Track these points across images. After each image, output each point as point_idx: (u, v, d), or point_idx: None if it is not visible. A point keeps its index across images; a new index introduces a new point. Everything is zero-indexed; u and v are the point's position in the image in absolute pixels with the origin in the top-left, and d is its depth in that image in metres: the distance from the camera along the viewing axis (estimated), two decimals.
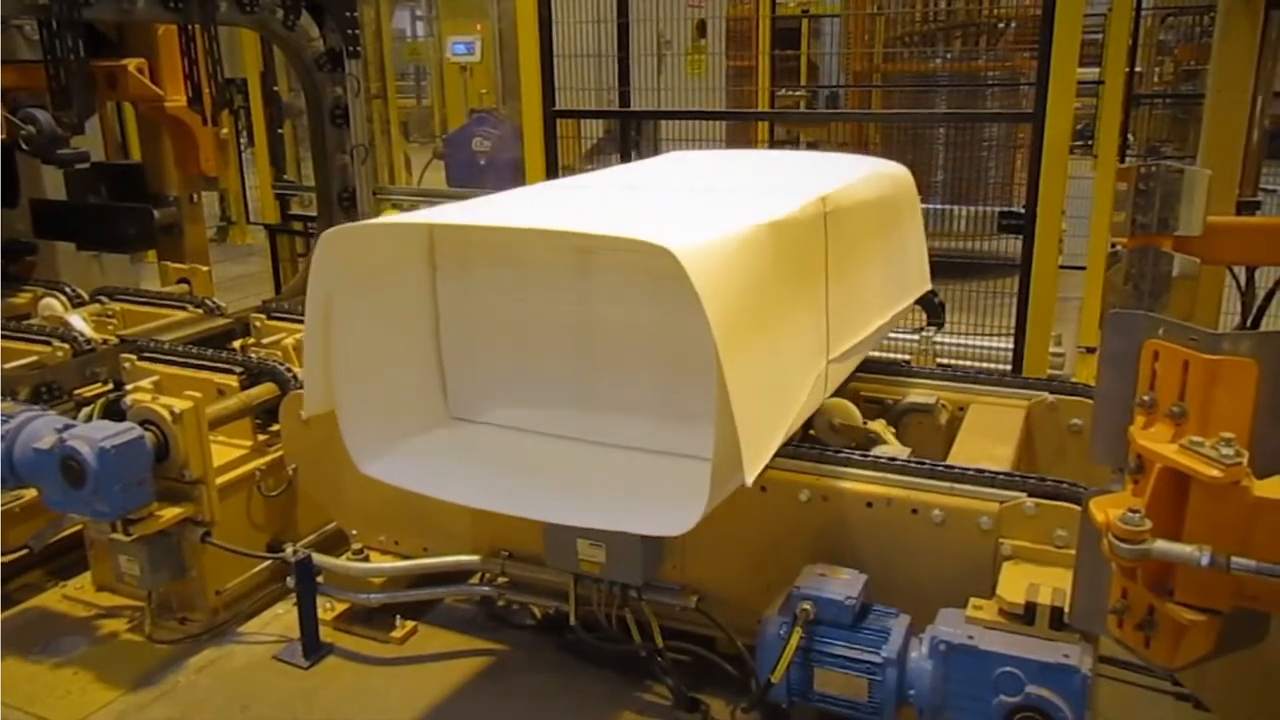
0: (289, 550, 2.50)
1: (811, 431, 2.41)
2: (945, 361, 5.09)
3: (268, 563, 2.65)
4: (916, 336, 5.20)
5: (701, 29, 5.14)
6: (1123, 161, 3.90)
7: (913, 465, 2.01)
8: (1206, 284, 3.28)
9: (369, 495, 2.47)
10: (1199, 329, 1.19)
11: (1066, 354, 4.92)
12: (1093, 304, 4.49)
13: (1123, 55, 3.46)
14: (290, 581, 2.47)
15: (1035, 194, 2.95)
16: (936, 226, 3.35)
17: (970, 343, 5.01)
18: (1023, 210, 3.01)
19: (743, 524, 2.08)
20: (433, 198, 4.11)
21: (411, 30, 17.67)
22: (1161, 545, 1.12)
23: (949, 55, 7.08)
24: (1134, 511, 1.13)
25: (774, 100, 6.98)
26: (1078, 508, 1.84)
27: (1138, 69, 7.41)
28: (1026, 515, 1.88)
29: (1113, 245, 2.87)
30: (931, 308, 5.53)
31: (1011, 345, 4.85)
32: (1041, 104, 2.88)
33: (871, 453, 2.15)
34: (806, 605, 1.81)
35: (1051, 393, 2.44)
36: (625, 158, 4.07)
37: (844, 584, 1.85)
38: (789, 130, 7.43)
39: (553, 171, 3.71)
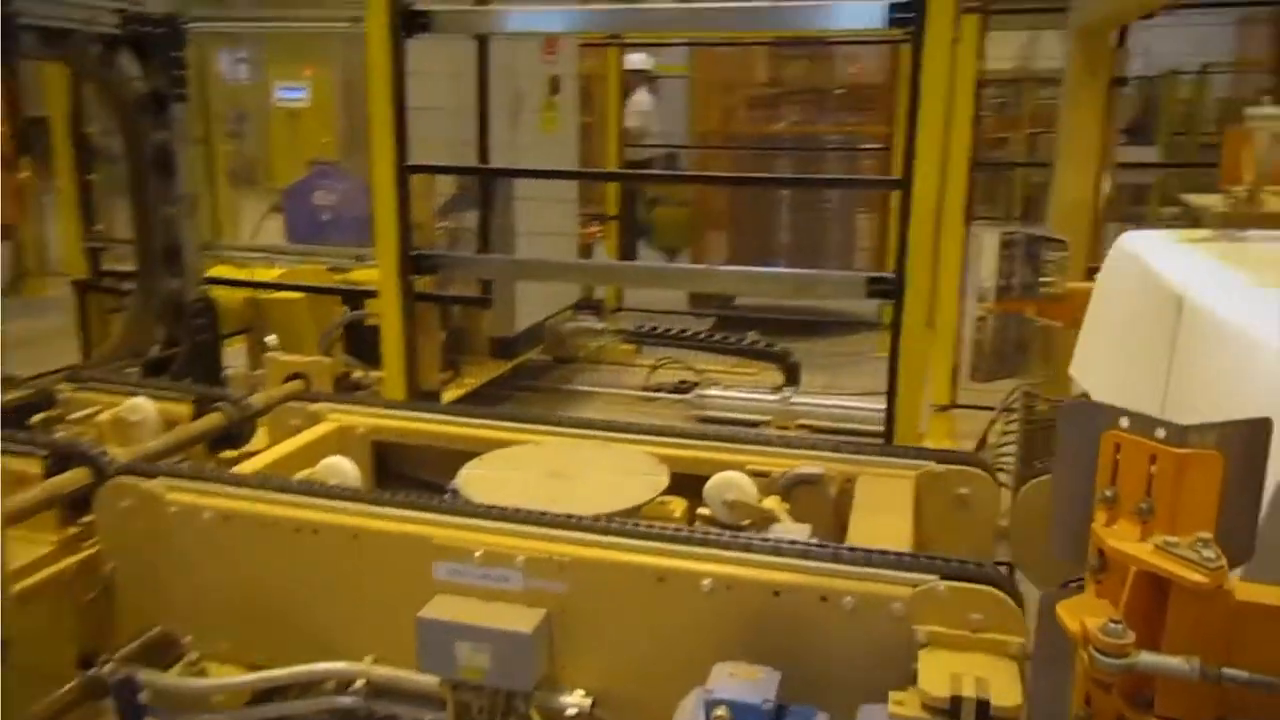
0: (105, 666, 2.15)
1: (703, 510, 2.29)
2: (806, 423, 5.14)
3: (79, 681, 2.28)
4: (776, 398, 5.25)
5: (555, 85, 5.06)
6: (969, 225, 4.03)
7: (818, 549, 1.91)
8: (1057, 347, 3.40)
9: (207, 595, 2.18)
10: (1164, 421, 1.11)
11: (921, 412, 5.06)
12: (943, 363, 4.63)
13: (968, 123, 3.57)
14: (109, 703, 2.12)
15: (904, 259, 2.97)
16: (787, 291, 3.33)
17: (830, 404, 5.07)
18: (892, 275, 3.03)
19: (641, 617, 1.92)
20: (272, 254, 3.81)
21: (232, 72, 16.92)
22: (1148, 658, 1.04)
23: (793, 119, 7.30)
24: (1115, 622, 1.04)
25: (623, 157, 6.98)
26: (991, 589, 1.79)
27: None
28: (939, 599, 1.80)
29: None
30: (788, 368, 5.61)
31: (870, 406, 4.95)
32: (909, 171, 2.91)
33: (772, 534, 2.05)
34: (721, 711, 1.66)
35: (939, 462, 2.42)
36: (485, 216, 3.90)
37: (759, 685, 1.71)
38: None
39: (405, 229, 3.49)
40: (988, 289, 2.88)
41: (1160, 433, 1.10)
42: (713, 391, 5.15)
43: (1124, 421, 1.13)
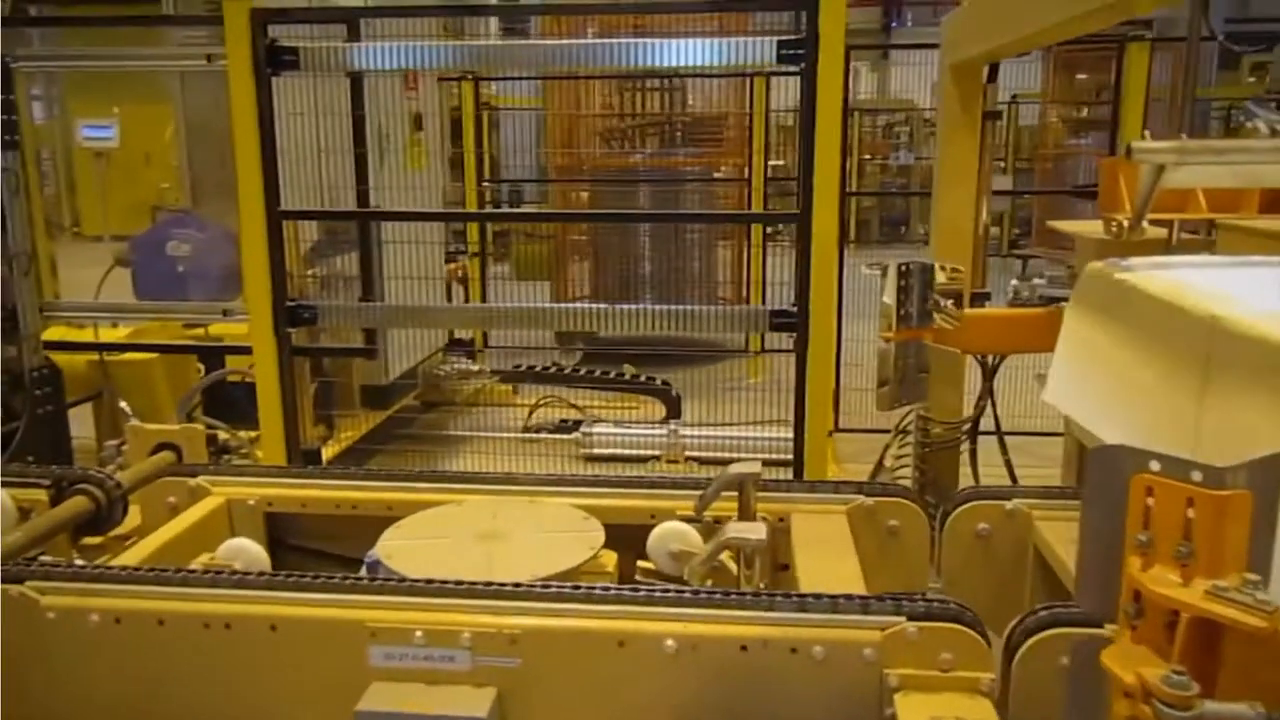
0: None
1: (646, 563, 2.20)
2: (695, 455, 5.12)
3: None
4: (664, 431, 5.20)
5: (418, 122, 4.89)
6: (842, 254, 4.12)
7: (783, 600, 1.85)
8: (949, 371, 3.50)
9: (98, 712, 1.92)
10: (1199, 463, 1.10)
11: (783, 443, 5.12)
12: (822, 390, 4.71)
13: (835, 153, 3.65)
14: None
15: (806, 292, 2.99)
16: (687, 326, 3.28)
17: (719, 434, 5.07)
18: (794, 308, 3.04)
19: (602, 686, 1.80)
20: (122, 314, 3.47)
21: (29, 111, 15.75)
22: (1213, 707, 1.01)
23: (648, 151, 7.34)
24: (1179, 673, 1.01)
25: (482, 197, 6.84)
26: (960, 628, 1.77)
27: None
28: (910, 641, 1.77)
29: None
30: (670, 401, 5.58)
31: (761, 435, 4.98)
32: (808, 204, 2.93)
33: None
34: None
35: (867, 495, 2.41)
36: (366, 258, 3.69)
37: None
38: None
39: (279, 278, 3.26)
40: (888, 318, 2.93)
41: (1196, 475, 1.08)
42: (598, 429, 5.07)
43: (1154, 465, 1.12)
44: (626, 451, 4.99)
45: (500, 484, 2.52)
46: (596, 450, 5.03)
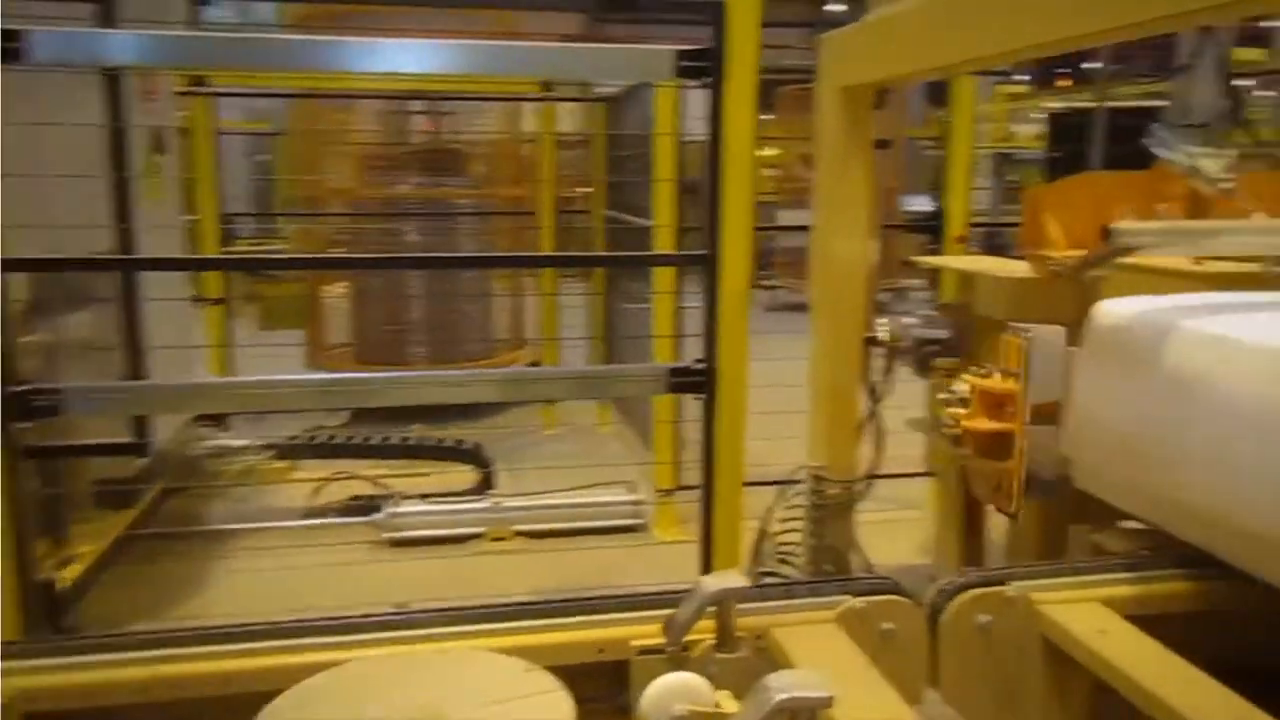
0: None
1: None
2: (526, 529, 4.49)
3: None
4: (485, 504, 4.54)
5: (159, 142, 3.96)
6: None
7: None
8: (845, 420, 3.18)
9: None
10: None
11: (645, 502, 4.65)
12: (664, 443, 4.30)
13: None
14: None
15: (713, 346, 2.55)
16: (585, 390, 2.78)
17: (551, 503, 4.48)
18: (698, 364, 2.59)
19: None
20: None
21: None
22: None
23: (417, 181, 6.63)
24: None
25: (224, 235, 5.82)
26: None
27: None
28: None
29: None
30: (481, 465, 4.92)
31: (599, 500, 4.46)
32: (714, 244, 2.50)
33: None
34: None
35: (855, 595, 1.99)
36: (131, 320, 2.80)
37: None
38: None
39: (6, 357, 2.34)
40: None
41: None
42: (406, 508, 4.32)
43: None
44: (440, 531, 4.30)
45: (382, 630, 1.85)
46: (406, 533, 4.30)
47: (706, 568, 2.82)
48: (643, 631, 1.88)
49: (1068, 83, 8.43)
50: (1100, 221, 2.64)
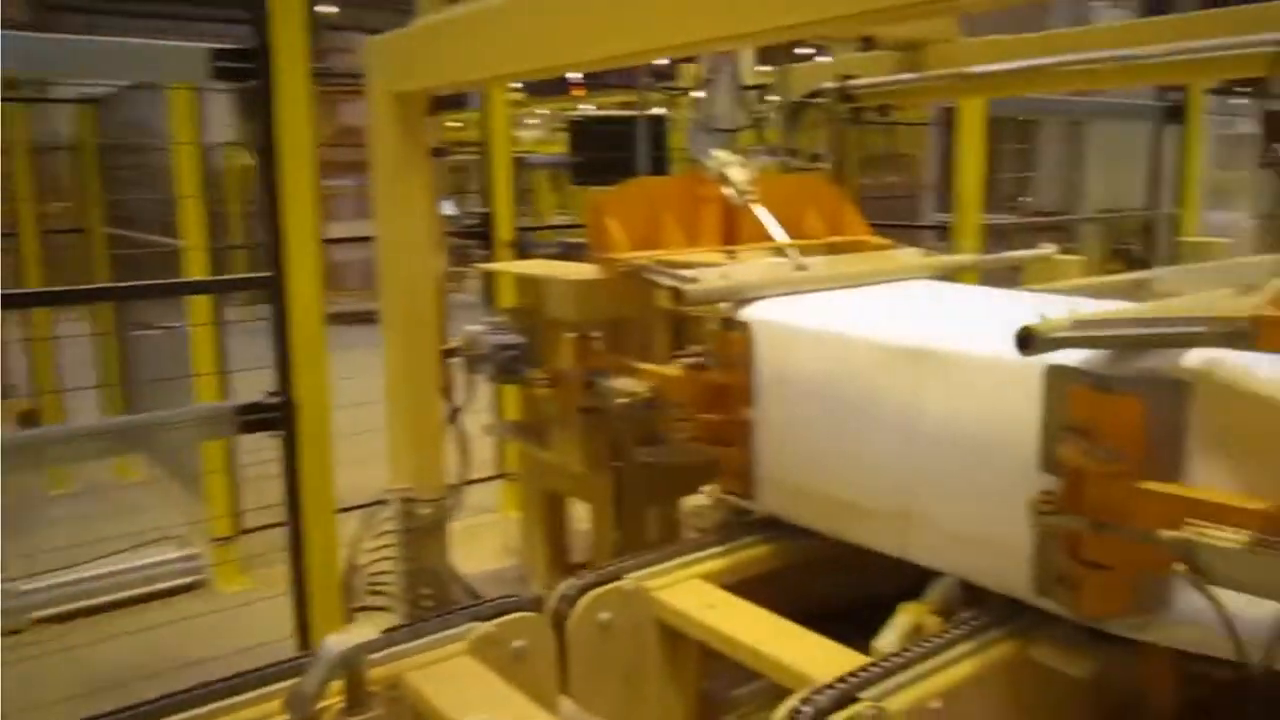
0: None
1: None
2: (50, 615, 3.70)
3: None
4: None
5: None
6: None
7: None
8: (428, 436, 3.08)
9: None
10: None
11: (200, 556, 4.07)
12: (219, 489, 3.80)
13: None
14: None
15: (288, 377, 2.30)
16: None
17: (79, 577, 3.72)
18: (274, 398, 2.32)
19: None
20: None
21: None
22: None
23: None
24: None
25: None
26: None
27: None
28: None
29: None
30: None
31: (136, 564, 3.84)
32: (279, 265, 2.25)
33: None
34: None
35: (484, 619, 1.92)
36: None
37: None
38: None
39: None
40: None
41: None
42: None
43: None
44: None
45: None
46: None
47: (302, 618, 2.55)
48: (264, 713, 1.65)
49: (581, 91, 9.07)
50: (654, 222, 2.84)
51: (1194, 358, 1.48)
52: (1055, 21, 5.81)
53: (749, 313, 2.27)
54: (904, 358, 1.95)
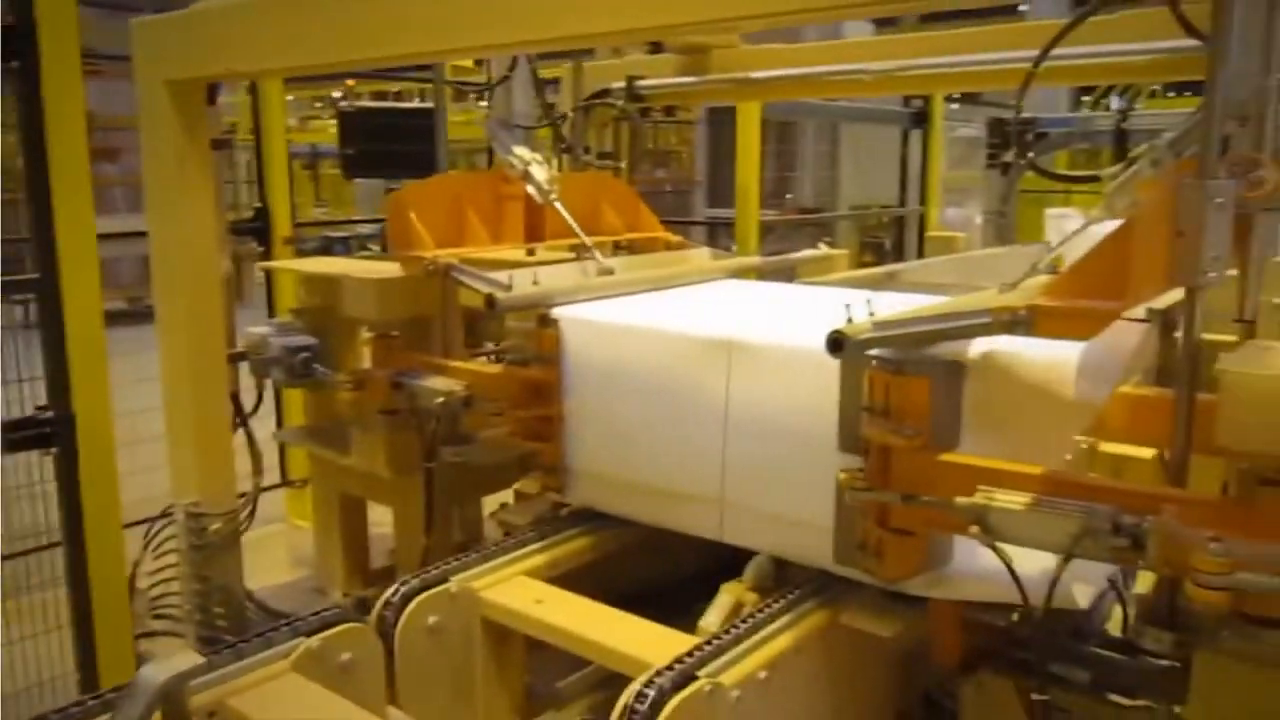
0: None
1: None
2: None
3: None
4: None
5: None
6: None
7: None
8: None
9: None
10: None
11: None
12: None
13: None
14: None
15: (66, 391, 2.09)
16: None
17: None
18: (45, 413, 2.10)
19: None
20: None
21: None
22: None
23: None
24: None
25: None
26: None
27: None
28: None
29: None
30: None
31: None
32: (51, 266, 2.04)
33: None
34: None
35: (308, 634, 1.84)
36: None
37: None
38: None
39: None
40: None
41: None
42: None
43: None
44: None
45: None
46: None
47: (88, 649, 2.32)
48: None
49: (353, 82, 8.69)
50: (458, 219, 2.81)
51: (975, 344, 1.68)
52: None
53: (562, 312, 2.31)
54: (715, 350, 2.05)
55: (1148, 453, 2.90)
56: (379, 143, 5.47)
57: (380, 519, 3.57)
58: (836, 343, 1.66)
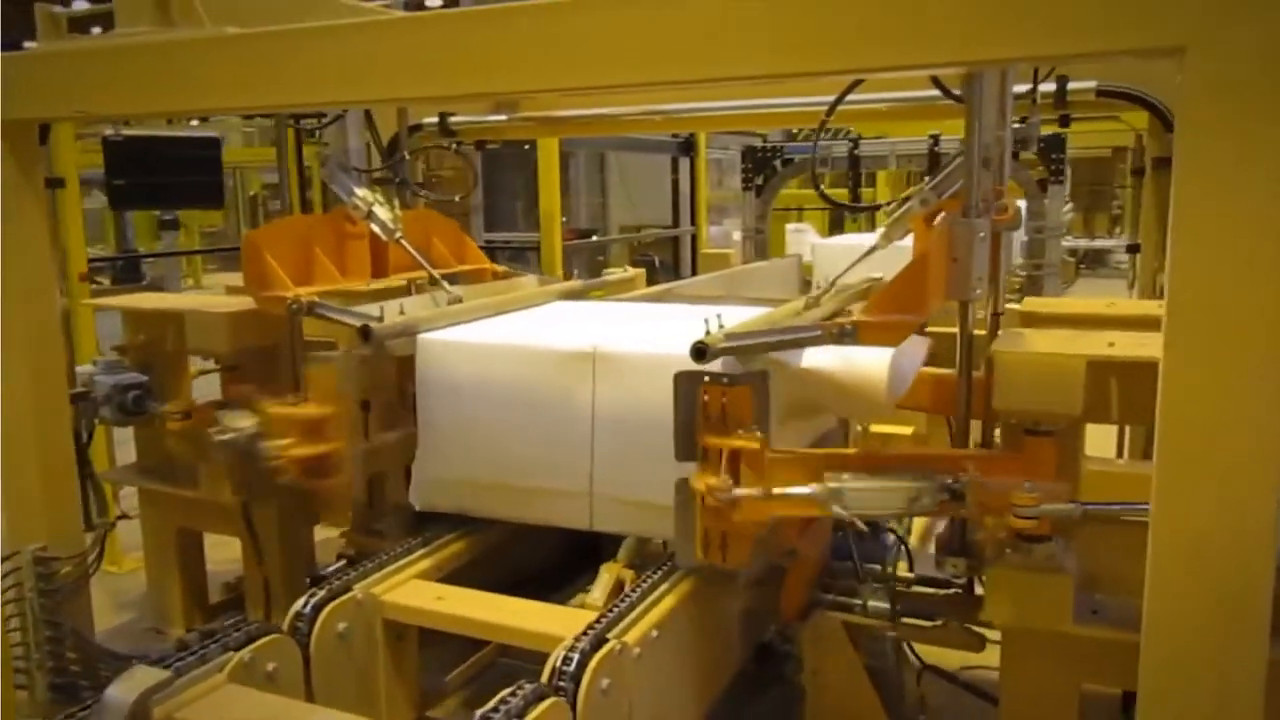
0: None
1: None
2: None
3: None
4: None
5: None
6: None
7: None
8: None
9: None
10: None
11: None
12: None
13: None
14: None
15: None
16: None
17: None
18: None
19: None
20: None
21: None
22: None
23: None
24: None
25: None
26: None
27: None
28: None
29: None
30: None
31: None
32: None
33: None
34: None
35: (236, 648, 1.97)
36: None
37: None
38: None
39: None
40: None
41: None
42: None
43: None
44: None
45: None
46: None
47: None
48: None
49: None
50: (306, 257, 2.94)
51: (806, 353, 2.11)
52: None
53: (428, 336, 2.55)
54: (580, 361, 2.37)
55: (906, 430, 3.52)
56: (151, 175, 5.30)
57: (210, 555, 3.58)
58: (700, 351, 2.00)
